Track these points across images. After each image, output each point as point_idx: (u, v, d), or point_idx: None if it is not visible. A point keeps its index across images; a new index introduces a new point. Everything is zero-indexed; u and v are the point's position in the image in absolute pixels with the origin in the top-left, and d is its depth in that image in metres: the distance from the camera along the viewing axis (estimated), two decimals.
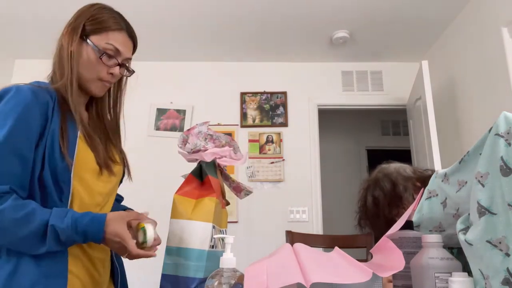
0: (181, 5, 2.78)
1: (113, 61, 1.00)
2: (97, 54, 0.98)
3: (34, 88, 0.92)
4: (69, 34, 0.98)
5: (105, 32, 0.99)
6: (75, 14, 1.02)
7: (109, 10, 1.03)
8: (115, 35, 1.00)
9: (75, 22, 0.99)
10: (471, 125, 2.71)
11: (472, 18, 2.70)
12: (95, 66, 0.99)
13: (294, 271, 0.61)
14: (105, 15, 1.01)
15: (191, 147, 1.10)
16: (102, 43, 0.98)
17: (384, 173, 1.16)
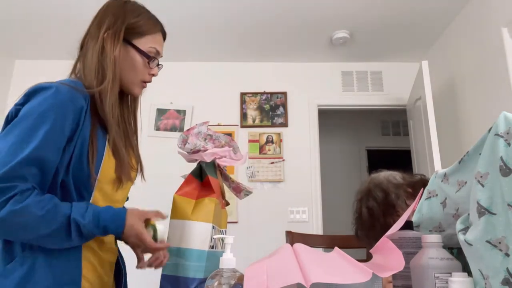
0: (181, 6, 2.78)
1: (155, 63, 1.02)
2: (145, 59, 0.99)
3: (72, 91, 0.88)
4: (112, 39, 0.96)
5: (148, 35, 1.01)
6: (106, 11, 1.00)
7: (144, 10, 1.04)
8: (156, 38, 1.02)
9: (114, 25, 0.97)
10: (471, 125, 2.71)
11: (472, 18, 2.70)
12: (141, 69, 1.00)
13: (294, 271, 0.61)
14: (144, 18, 1.02)
15: (191, 147, 1.10)
16: (146, 47, 1.00)
17: (375, 183, 1.17)
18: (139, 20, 1.00)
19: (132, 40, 0.99)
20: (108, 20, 0.98)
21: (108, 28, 0.97)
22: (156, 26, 1.04)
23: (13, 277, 0.81)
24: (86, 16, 2.71)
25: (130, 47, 0.98)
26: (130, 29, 0.99)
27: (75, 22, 2.97)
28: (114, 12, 0.99)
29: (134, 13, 1.01)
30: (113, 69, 0.95)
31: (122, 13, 0.99)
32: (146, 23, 1.02)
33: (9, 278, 0.81)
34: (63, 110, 0.85)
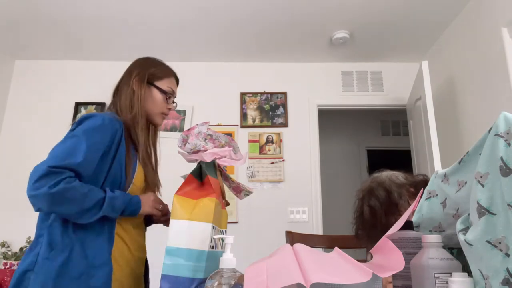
0: (181, 6, 2.78)
1: (171, 99, 1.40)
2: (164, 95, 1.35)
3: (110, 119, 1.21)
4: (139, 82, 1.32)
5: (165, 78, 1.37)
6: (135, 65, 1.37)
7: (162, 63, 1.42)
8: (171, 80, 1.40)
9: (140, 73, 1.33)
10: (471, 125, 2.71)
11: (472, 18, 2.70)
12: (161, 103, 1.36)
13: (294, 272, 0.61)
14: (161, 67, 1.39)
15: (191, 147, 1.10)
16: (165, 87, 1.36)
17: (378, 182, 1.16)
18: (158, 68, 1.37)
19: (154, 82, 1.35)
20: (136, 70, 1.35)
21: (136, 75, 1.33)
22: (171, 72, 1.41)
23: (56, 261, 1.06)
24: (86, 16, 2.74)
25: (153, 87, 1.34)
26: (151, 75, 1.35)
27: (75, 22, 2.97)
28: (140, 65, 1.38)
29: (154, 64, 1.39)
30: (140, 103, 1.30)
31: (145, 64, 1.37)
32: (163, 70, 1.38)
33: (54, 261, 1.06)
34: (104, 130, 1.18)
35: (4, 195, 3.22)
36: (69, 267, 1.07)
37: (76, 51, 3.41)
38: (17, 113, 3.44)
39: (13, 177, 3.26)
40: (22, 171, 3.31)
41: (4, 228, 3.12)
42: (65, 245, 1.08)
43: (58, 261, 1.06)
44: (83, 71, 3.54)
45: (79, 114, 3.40)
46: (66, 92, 3.48)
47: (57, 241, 1.08)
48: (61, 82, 3.52)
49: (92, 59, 3.52)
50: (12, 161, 3.30)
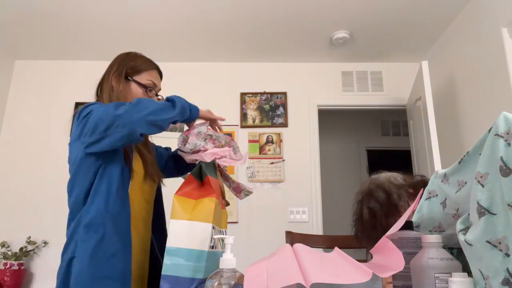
0: (181, 6, 2.78)
1: (153, 92, 1.34)
2: (143, 89, 1.32)
3: None
4: (117, 78, 1.30)
5: (145, 71, 1.34)
6: (115, 61, 1.36)
7: (142, 56, 1.38)
8: (151, 73, 1.35)
9: (118, 69, 1.32)
10: (471, 125, 2.71)
11: (472, 18, 2.70)
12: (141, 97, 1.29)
13: (294, 272, 0.61)
14: (140, 60, 1.35)
15: (191, 147, 1.10)
16: (144, 80, 1.33)
17: (376, 184, 1.16)
18: (136, 62, 1.34)
19: (133, 77, 1.32)
20: (114, 66, 1.34)
21: (114, 71, 1.32)
22: (151, 65, 1.37)
23: (91, 241, 1.09)
24: (85, 17, 2.74)
25: (131, 82, 1.31)
26: (130, 69, 1.32)
27: (74, 22, 2.97)
28: (119, 60, 1.36)
29: (133, 58, 1.36)
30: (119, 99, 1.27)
31: (124, 59, 1.35)
32: (142, 63, 1.35)
33: (89, 242, 1.09)
34: None
35: (4, 195, 3.22)
36: (104, 246, 1.09)
37: (76, 51, 3.41)
38: (17, 113, 3.44)
39: (13, 177, 3.26)
40: (22, 171, 3.31)
41: (4, 228, 3.12)
42: (99, 224, 1.11)
43: (93, 241, 1.09)
44: (83, 71, 3.54)
45: None
46: (66, 92, 3.48)
47: (91, 222, 1.11)
48: (61, 82, 3.52)
49: (92, 59, 3.52)
50: (12, 161, 3.30)
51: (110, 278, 1.08)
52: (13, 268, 2.89)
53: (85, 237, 1.10)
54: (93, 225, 1.11)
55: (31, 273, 3.05)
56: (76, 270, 1.07)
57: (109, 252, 1.10)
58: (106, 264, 1.09)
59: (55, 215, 3.11)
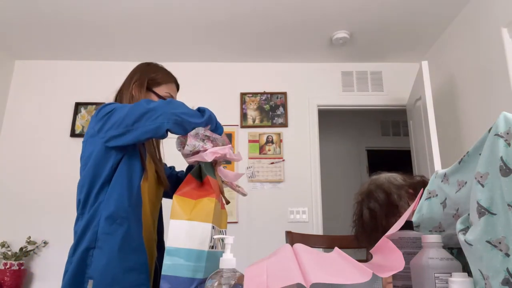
0: (181, 6, 2.78)
1: None
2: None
3: None
4: (138, 87, 1.34)
5: (164, 84, 1.39)
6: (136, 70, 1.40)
7: (162, 68, 1.44)
8: (170, 86, 1.41)
9: (139, 79, 1.35)
10: (471, 125, 2.71)
11: (472, 18, 2.70)
12: None
13: (294, 272, 0.61)
14: (161, 73, 1.40)
15: (190, 148, 1.10)
16: (163, 93, 1.37)
17: (376, 184, 1.16)
18: (157, 74, 1.39)
19: (153, 88, 1.36)
20: (136, 76, 1.37)
21: (136, 81, 1.35)
22: (170, 78, 1.43)
23: (117, 234, 1.12)
24: (85, 17, 2.75)
25: (151, 93, 1.36)
26: (151, 80, 1.36)
27: (74, 22, 2.97)
28: (140, 70, 1.40)
29: (154, 70, 1.41)
30: None
31: (145, 70, 1.39)
32: (162, 76, 1.40)
33: (115, 235, 1.12)
34: None
35: (4, 195, 3.22)
36: (129, 240, 1.13)
37: (76, 51, 3.41)
38: (17, 113, 3.44)
39: (13, 177, 3.26)
40: (22, 171, 3.31)
41: (4, 228, 3.12)
42: (123, 218, 1.13)
43: (119, 234, 1.12)
44: (83, 71, 3.54)
45: (79, 114, 3.40)
46: (66, 92, 3.48)
47: (115, 215, 1.13)
48: (61, 82, 3.52)
49: (92, 59, 3.52)
50: (12, 161, 3.30)
51: (137, 270, 1.13)
52: (13, 268, 2.89)
53: (110, 230, 1.12)
54: (117, 218, 1.13)
55: (31, 273, 3.05)
56: (103, 262, 1.09)
57: (134, 245, 1.14)
58: (132, 256, 1.13)
59: (55, 215, 3.11)
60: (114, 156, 1.17)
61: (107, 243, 1.11)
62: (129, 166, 1.19)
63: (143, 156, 1.25)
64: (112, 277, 1.08)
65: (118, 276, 1.09)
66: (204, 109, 1.18)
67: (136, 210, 1.18)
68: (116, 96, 1.38)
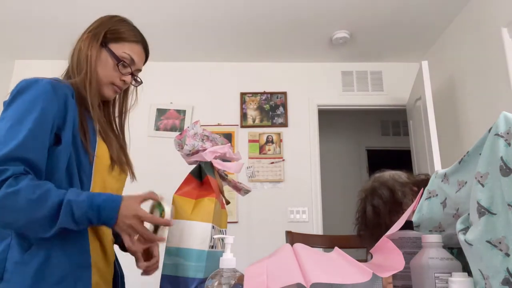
0: (181, 6, 2.78)
1: (127, 70, 1.09)
2: (115, 61, 1.06)
3: (53, 82, 0.95)
4: (90, 39, 1.06)
5: (123, 42, 1.08)
6: (95, 22, 1.11)
7: (128, 23, 1.13)
8: (132, 46, 1.09)
9: (96, 29, 1.07)
10: (471, 125, 2.71)
11: (472, 18, 2.70)
12: (110, 71, 1.06)
13: (294, 271, 0.61)
14: (125, 27, 1.10)
15: (189, 148, 1.10)
16: (119, 52, 1.07)
17: (380, 182, 1.16)
18: (119, 27, 1.09)
19: (108, 44, 1.07)
20: (93, 25, 1.10)
21: (90, 31, 1.08)
22: (135, 37, 1.11)
23: (31, 264, 0.85)
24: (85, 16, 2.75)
25: (104, 49, 1.06)
26: (109, 33, 1.07)
27: (74, 22, 2.97)
28: (101, 21, 1.11)
29: (117, 22, 1.11)
30: (87, 65, 1.03)
31: (106, 21, 1.10)
32: (125, 31, 1.09)
33: (28, 265, 0.85)
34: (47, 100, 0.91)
35: None
36: (49, 270, 0.86)
37: None
38: None
39: None
40: None
41: None
42: (41, 243, 0.87)
43: (34, 264, 0.85)
44: None
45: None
46: None
47: (30, 240, 0.87)
48: None
49: None
50: None
51: None
52: None
53: (21, 258, 0.86)
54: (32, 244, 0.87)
55: None
56: None
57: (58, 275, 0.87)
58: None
59: None
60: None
61: (16, 276, 0.84)
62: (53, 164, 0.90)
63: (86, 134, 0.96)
64: None
65: None
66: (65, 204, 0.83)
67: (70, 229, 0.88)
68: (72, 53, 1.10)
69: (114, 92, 1.10)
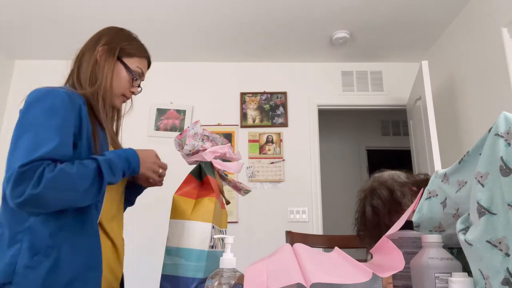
0: (181, 6, 2.78)
1: (137, 82, 1.19)
2: (130, 75, 1.15)
3: (68, 92, 1.02)
4: (106, 53, 1.12)
5: (136, 57, 1.17)
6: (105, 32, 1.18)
7: (138, 39, 1.23)
8: (142, 61, 1.19)
9: (110, 44, 1.14)
10: (471, 125, 2.71)
11: (472, 18, 2.70)
12: (125, 84, 1.15)
13: (294, 271, 0.61)
14: (136, 43, 1.20)
15: (190, 148, 1.10)
16: (133, 66, 1.16)
17: (380, 182, 1.15)
18: (131, 44, 1.18)
19: (123, 58, 1.15)
20: (105, 38, 1.15)
21: (104, 44, 1.14)
22: (144, 52, 1.21)
23: (40, 268, 0.87)
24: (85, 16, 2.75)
25: (120, 63, 1.14)
26: (122, 49, 1.15)
27: (74, 22, 2.97)
28: (112, 34, 1.18)
29: (128, 38, 1.19)
30: (103, 77, 1.10)
31: (118, 36, 1.18)
32: (136, 47, 1.19)
33: (37, 269, 0.87)
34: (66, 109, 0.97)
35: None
36: (59, 273, 0.88)
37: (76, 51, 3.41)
38: (17, 113, 3.43)
39: None
40: None
41: None
42: (51, 246, 0.89)
43: (44, 267, 0.87)
44: None
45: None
46: None
47: (40, 244, 0.89)
48: (61, 82, 3.51)
49: None
50: None
51: None
52: None
53: (31, 262, 0.87)
54: (41, 248, 0.89)
55: None
56: None
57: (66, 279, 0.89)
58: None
59: None
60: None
61: (26, 280, 0.86)
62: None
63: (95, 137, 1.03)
64: None
65: None
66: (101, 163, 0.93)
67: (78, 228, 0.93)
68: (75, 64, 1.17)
69: (123, 102, 1.20)
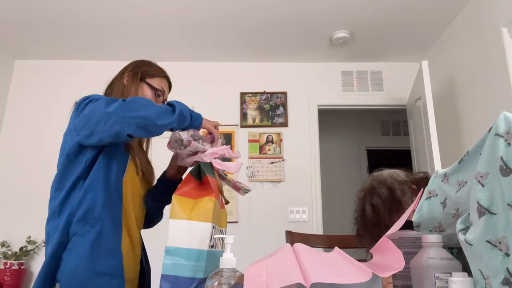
0: (181, 6, 2.78)
1: (160, 98, 1.35)
2: (153, 91, 1.32)
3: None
4: (132, 77, 1.31)
5: (157, 77, 1.35)
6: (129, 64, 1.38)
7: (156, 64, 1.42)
8: (162, 80, 1.36)
9: (133, 70, 1.33)
10: (471, 125, 2.71)
11: (472, 18, 2.70)
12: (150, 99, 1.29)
13: (294, 271, 0.61)
14: (155, 67, 1.39)
15: (191, 149, 1.11)
16: (155, 85, 1.33)
17: (379, 180, 1.14)
18: (151, 67, 1.37)
19: (146, 79, 1.33)
20: (129, 68, 1.35)
21: (129, 71, 1.33)
22: (163, 73, 1.38)
23: (89, 236, 1.07)
24: (85, 16, 2.74)
25: (144, 84, 1.32)
26: (144, 72, 1.33)
27: (74, 22, 2.97)
28: (134, 64, 1.38)
29: (148, 64, 1.39)
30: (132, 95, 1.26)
31: (139, 64, 1.38)
32: (156, 70, 1.37)
33: (86, 236, 1.07)
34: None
35: (4, 195, 3.22)
36: (101, 242, 1.07)
37: (76, 51, 3.41)
38: (17, 113, 3.43)
39: (13, 177, 3.26)
40: (22, 170, 3.31)
41: (4, 228, 3.12)
42: (96, 219, 1.08)
43: (90, 236, 1.06)
44: (83, 71, 3.53)
45: None
46: (66, 92, 3.47)
47: (87, 216, 1.08)
48: (61, 82, 3.51)
49: (92, 59, 3.52)
50: (12, 160, 3.30)
51: (109, 274, 1.06)
52: (13, 267, 2.89)
53: (81, 231, 1.07)
54: (89, 219, 1.08)
55: (31, 272, 3.05)
56: (72, 265, 1.04)
57: (107, 248, 1.08)
58: (104, 260, 1.07)
59: None
60: (89, 152, 1.11)
61: (77, 246, 1.06)
62: (107, 163, 1.13)
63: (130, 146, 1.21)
64: (79, 281, 1.03)
65: (86, 281, 1.03)
66: (173, 103, 1.10)
67: (114, 209, 1.12)
68: (107, 89, 1.34)
69: None
